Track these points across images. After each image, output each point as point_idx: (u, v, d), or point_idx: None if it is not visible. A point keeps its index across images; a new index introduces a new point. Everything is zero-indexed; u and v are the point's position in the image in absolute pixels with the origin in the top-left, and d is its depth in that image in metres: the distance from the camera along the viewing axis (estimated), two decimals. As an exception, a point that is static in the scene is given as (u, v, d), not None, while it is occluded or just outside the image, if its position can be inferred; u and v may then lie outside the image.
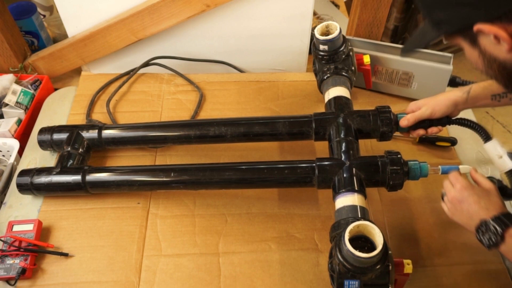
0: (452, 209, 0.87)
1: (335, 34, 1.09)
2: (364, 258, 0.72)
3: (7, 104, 1.24)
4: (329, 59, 1.12)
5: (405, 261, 0.82)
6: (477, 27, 0.65)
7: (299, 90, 1.33)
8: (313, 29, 1.15)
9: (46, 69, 1.37)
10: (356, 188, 0.89)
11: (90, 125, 1.13)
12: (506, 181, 0.90)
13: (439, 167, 0.93)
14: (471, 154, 1.19)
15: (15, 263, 0.93)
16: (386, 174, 0.91)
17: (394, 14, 2.01)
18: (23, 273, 0.92)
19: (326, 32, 1.12)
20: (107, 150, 1.16)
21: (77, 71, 1.40)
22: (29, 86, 1.32)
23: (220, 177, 0.99)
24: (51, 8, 1.59)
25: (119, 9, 1.25)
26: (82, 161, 1.09)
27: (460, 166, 0.93)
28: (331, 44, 1.10)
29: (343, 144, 0.95)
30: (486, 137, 0.96)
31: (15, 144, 1.17)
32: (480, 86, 0.98)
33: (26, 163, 1.14)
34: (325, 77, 1.12)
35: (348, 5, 1.73)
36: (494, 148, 0.94)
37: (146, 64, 1.34)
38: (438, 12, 0.71)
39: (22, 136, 1.23)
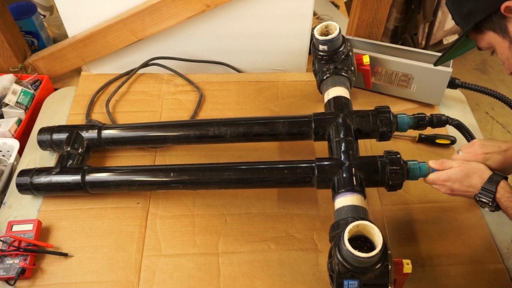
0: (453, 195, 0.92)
1: (334, 34, 1.09)
2: (363, 258, 0.72)
3: (7, 104, 1.24)
4: (328, 59, 1.12)
5: (405, 261, 0.82)
6: (506, 4, 0.71)
7: (299, 90, 1.33)
8: (313, 29, 1.15)
9: (46, 69, 1.37)
10: (355, 188, 0.89)
11: (89, 125, 1.13)
12: None
13: None
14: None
15: (15, 263, 0.93)
16: (386, 174, 0.91)
17: (394, 15, 2.01)
18: (22, 273, 0.92)
19: (325, 32, 1.12)
20: (107, 150, 1.16)
21: (77, 71, 1.40)
22: (29, 86, 1.32)
23: (220, 177, 0.99)
24: (51, 8, 1.59)
25: (119, 9, 1.25)
26: (81, 161, 1.09)
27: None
28: (330, 44, 1.10)
29: (343, 144, 0.95)
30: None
31: (15, 144, 1.17)
32: None
33: (26, 163, 1.15)
34: (324, 77, 1.12)
35: (348, 5, 1.73)
36: None
37: (146, 64, 1.34)
38: (466, 3, 0.76)
39: (22, 136, 1.23)
